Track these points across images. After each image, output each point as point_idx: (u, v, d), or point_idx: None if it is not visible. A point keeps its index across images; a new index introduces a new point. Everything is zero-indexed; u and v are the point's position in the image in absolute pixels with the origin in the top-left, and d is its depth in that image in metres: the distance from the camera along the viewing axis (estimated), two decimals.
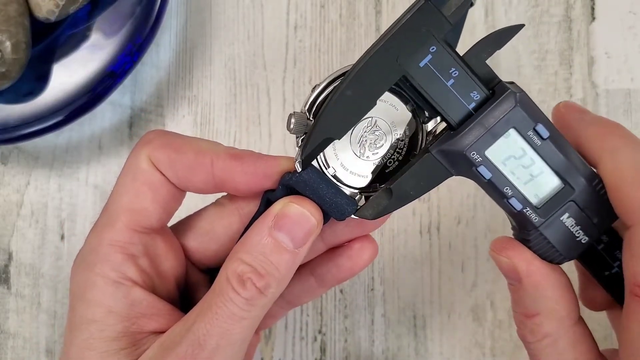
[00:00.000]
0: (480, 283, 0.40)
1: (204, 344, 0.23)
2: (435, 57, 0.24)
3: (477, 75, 0.25)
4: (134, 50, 0.38)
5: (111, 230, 0.25)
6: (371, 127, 0.25)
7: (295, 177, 0.24)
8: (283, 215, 0.24)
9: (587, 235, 0.26)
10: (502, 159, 0.25)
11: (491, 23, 0.42)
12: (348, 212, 0.25)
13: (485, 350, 0.40)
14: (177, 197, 0.26)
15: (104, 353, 0.24)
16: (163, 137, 0.26)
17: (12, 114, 0.39)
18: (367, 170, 0.25)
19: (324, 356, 0.40)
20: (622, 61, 0.41)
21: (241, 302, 0.23)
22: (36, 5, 0.37)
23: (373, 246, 0.28)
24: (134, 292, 0.25)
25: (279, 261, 0.24)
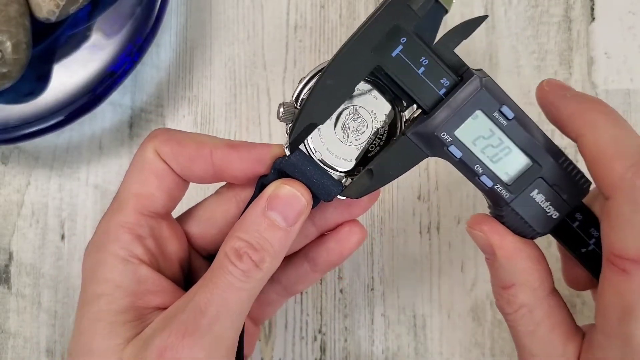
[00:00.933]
0: (480, 283, 0.40)
1: (205, 310, 0.25)
2: (406, 48, 0.26)
3: (446, 63, 0.27)
4: (134, 51, 0.38)
5: (120, 213, 0.27)
6: (354, 115, 0.28)
7: (285, 161, 0.27)
8: (275, 196, 0.26)
9: (557, 211, 0.28)
10: (471, 139, 0.27)
11: (491, 23, 0.42)
12: (334, 193, 0.27)
13: (485, 350, 0.40)
14: (181, 186, 0.29)
15: (112, 324, 0.26)
16: (167, 132, 0.28)
17: (13, 114, 0.39)
18: (351, 155, 0.28)
19: (324, 356, 0.40)
20: (622, 61, 0.41)
21: (238, 274, 0.25)
22: (37, 6, 0.37)
23: (361, 230, 0.30)
24: (141, 269, 0.27)
25: (272, 238, 0.26)
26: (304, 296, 0.41)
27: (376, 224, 0.41)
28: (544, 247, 0.40)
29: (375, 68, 0.26)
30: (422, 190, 0.41)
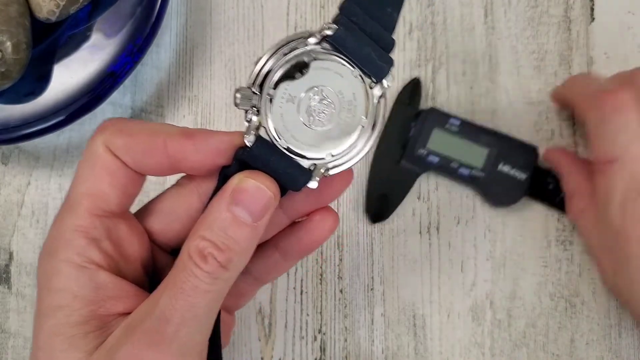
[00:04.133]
0: (480, 283, 0.40)
1: (169, 317, 0.23)
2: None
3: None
4: (135, 51, 0.38)
5: (73, 216, 0.25)
6: (318, 97, 0.25)
7: (247, 152, 0.25)
8: (239, 190, 0.24)
9: (522, 173, 0.39)
10: (440, 147, 0.40)
11: (491, 23, 0.42)
12: (302, 182, 0.25)
13: (485, 350, 0.40)
14: (136, 181, 0.27)
15: (71, 337, 0.24)
16: (118, 123, 0.26)
17: (13, 114, 0.39)
18: (318, 140, 0.26)
19: (323, 356, 0.40)
20: (622, 61, 0.41)
21: (203, 276, 0.24)
22: (37, 6, 0.37)
23: (333, 217, 0.28)
24: (99, 275, 0.25)
25: (238, 235, 0.24)
26: (304, 296, 0.41)
27: (376, 224, 0.41)
28: (544, 247, 0.40)
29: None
30: (422, 190, 0.41)
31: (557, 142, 0.41)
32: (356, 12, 0.25)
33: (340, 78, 0.25)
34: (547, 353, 0.40)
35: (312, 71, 0.25)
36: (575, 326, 0.40)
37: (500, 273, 0.40)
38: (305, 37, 0.25)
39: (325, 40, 0.25)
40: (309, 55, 0.25)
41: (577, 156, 0.40)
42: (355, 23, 0.25)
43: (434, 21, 0.42)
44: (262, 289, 0.41)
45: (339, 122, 0.26)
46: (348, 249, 0.41)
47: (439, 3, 0.42)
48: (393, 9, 0.26)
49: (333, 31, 0.25)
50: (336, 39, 0.25)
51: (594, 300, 0.40)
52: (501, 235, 0.41)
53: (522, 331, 0.40)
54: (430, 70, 0.42)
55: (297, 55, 0.25)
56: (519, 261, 0.40)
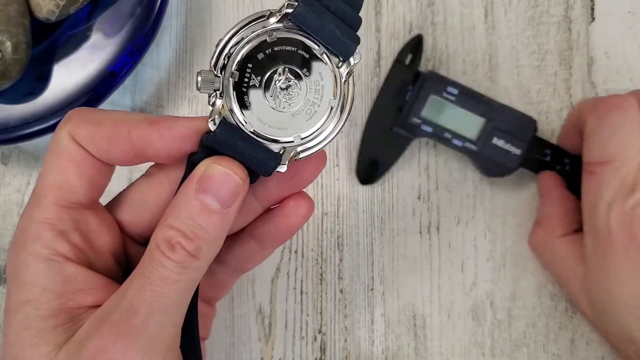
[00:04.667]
0: (480, 283, 0.40)
1: (137, 309, 0.23)
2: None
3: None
4: (135, 51, 0.38)
5: (39, 208, 0.25)
6: (283, 77, 0.25)
7: (212, 137, 0.24)
8: (206, 176, 0.24)
9: (517, 148, 0.38)
10: (434, 116, 0.38)
11: (491, 23, 0.42)
12: (272, 167, 0.24)
13: (485, 350, 0.40)
14: (103, 171, 0.26)
15: (41, 331, 0.24)
16: (82, 112, 0.26)
17: (13, 114, 0.39)
18: (286, 122, 0.25)
19: (324, 356, 0.40)
20: (622, 61, 0.41)
21: (172, 265, 0.23)
22: (37, 6, 0.37)
23: (308, 202, 0.28)
24: (67, 267, 0.25)
25: (207, 223, 0.23)
26: (304, 296, 0.41)
27: (376, 224, 0.41)
28: None
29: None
30: (422, 190, 0.41)
31: (557, 141, 0.41)
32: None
33: (305, 57, 0.24)
34: (548, 353, 0.40)
35: (276, 51, 0.24)
36: (575, 326, 0.40)
37: (501, 273, 0.40)
38: (266, 16, 0.24)
39: (287, 18, 0.24)
40: (271, 35, 0.24)
41: (566, 189, 0.38)
42: (318, 0, 0.24)
43: (434, 21, 0.42)
44: (262, 290, 0.41)
45: (306, 103, 0.25)
46: (348, 249, 0.41)
47: (439, 3, 0.42)
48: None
49: (293, 8, 0.24)
50: (297, 16, 0.24)
51: None
52: (501, 235, 0.41)
53: (523, 331, 0.40)
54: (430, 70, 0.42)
55: (258, 35, 0.24)
56: (519, 261, 0.40)
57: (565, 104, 0.41)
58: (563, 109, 0.41)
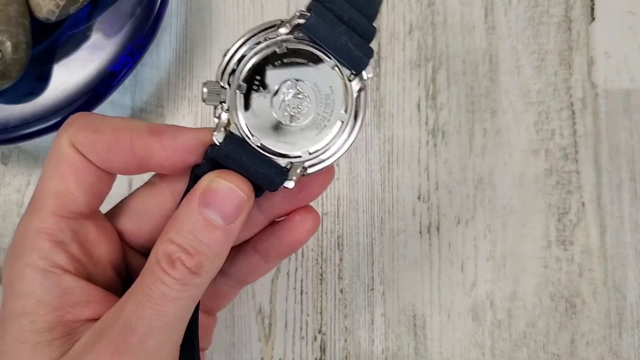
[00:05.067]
0: (480, 283, 0.40)
1: (135, 326, 0.22)
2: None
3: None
4: (134, 51, 0.38)
5: (37, 217, 0.24)
6: (292, 90, 0.24)
7: (216, 151, 0.23)
8: (209, 191, 0.23)
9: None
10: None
11: (491, 23, 0.42)
12: (278, 182, 0.24)
13: (485, 350, 0.40)
14: (104, 179, 0.25)
15: (36, 345, 0.23)
16: (84, 118, 0.25)
17: (13, 114, 0.39)
18: (294, 137, 0.24)
19: (324, 356, 0.40)
20: (622, 61, 0.41)
21: (172, 282, 0.22)
22: (36, 6, 0.37)
23: (314, 217, 0.27)
24: (65, 279, 0.24)
25: (209, 239, 0.23)
26: (304, 296, 0.41)
27: (376, 224, 0.41)
28: (544, 247, 0.40)
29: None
30: (422, 190, 0.41)
31: (557, 141, 0.41)
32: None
33: (316, 70, 0.23)
34: (548, 353, 0.40)
35: (285, 63, 0.23)
36: (575, 326, 0.40)
37: (501, 273, 0.40)
38: (276, 26, 0.23)
39: (298, 29, 0.23)
40: (280, 46, 0.23)
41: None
42: (330, 10, 0.23)
43: (434, 21, 0.42)
44: (262, 290, 0.41)
45: (315, 117, 0.24)
46: (348, 249, 0.41)
47: (439, 3, 0.42)
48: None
49: (305, 19, 0.23)
50: (309, 27, 0.23)
51: (594, 300, 0.40)
52: (501, 235, 0.41)
53: (523, 331, 0.40)
54: (430, 69, 0.42)
55: (268, 45, 0.23)
56: (519, 261, 0.40)
57: (566, 104, 0.41)
58: (563, 109, 0.41)
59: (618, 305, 0.40)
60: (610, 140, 0.41)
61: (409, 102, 0.42)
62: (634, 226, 0.40)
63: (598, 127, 0.41)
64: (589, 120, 0.41)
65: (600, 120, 0.41)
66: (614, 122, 0.41)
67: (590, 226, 0.40)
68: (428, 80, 0.42)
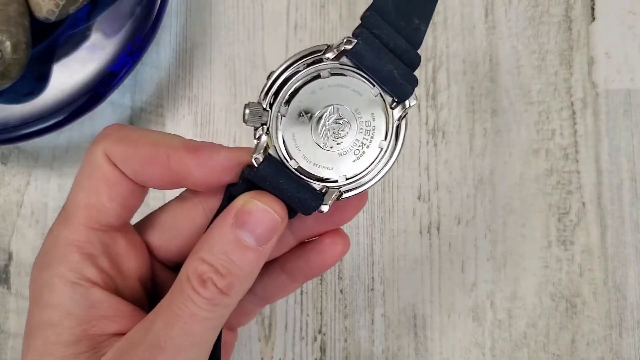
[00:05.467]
0: (480, 283, 0.40)
1: (164, 345, 0.22)
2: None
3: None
4: (134, 50, 0.38)
5: (68, 229, 0.24)
6: (333, 116, 0.24)
7: (254, 171, 0.23)
8: (244, 212, 0.23)
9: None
10: None
11: (491, 23, 0.42)
12: (313, 207, 0.24)
13: (485, 350, 0.40)
14: (137, 193, 0.25)
15: (62, 358, 0.23)
16: (119, 130, 0.25)
17: (12, 114, 0.39)
18: (331, 162, 0.24)
19: (324, 356, 0.40)
20: (622, 61, 0.41)
21: (202, 302, 0.22)
22: (36, 5, 0.37)
23: (344, 241, 0.27)
24: (93, 293, 0.24)
25: (241, 260, 0.23)
26: (304, 296, 0.41)
27: (376, 224, 0.41)
28: (545, 247, 0.40)
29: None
30: (422, 190, 0.41)
31: (557, 141, 0.41)
32: (379, 24, 0.23)
33: (359, 97, 0.24)
34: (548, 353, 0.40)
35: (329, 88, 0.24)
36: (576, 326, 0.40)
37: (501, 273, 0.40)
38: (322, 51, 0.24)
39: (343, 54, 0.23)
40: (325, 71, 0.23)
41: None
42: (378, 37, 0.23)
43: (434, 20, 0.42)
44: None
45: (355, 143, 0.24)
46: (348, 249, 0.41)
47: (440, 2, 0.42)
48: (421, 20, 0.24)
49: (352, 45, 0.23)
50: (355, 54, 0.23)
51: (594, 300, 0.40)
52: (501, 235, 0.41)
53: (523, 332, 0.40)
54: (430, 69, 0.42)
55: (312, 70, 0.23)
56: (519, 261, 0.40)
57: (566, 103, 0.41)
58: (564, 109, 0.41)
59: (618, 305, 0.40)
60: (610, 140, 0.41)
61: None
62: (634, 226, 0.40)
63: (598, 127, 0.41)
64: (590, 120, 0.41)
65: (600, 120, 0.41)
66: (615, 122, 0.41)
67: (590, 226, 0.40)
68: (428, 80, 0.42)
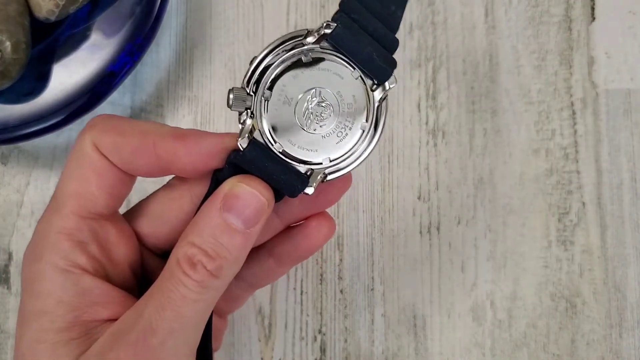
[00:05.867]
0: (480, 283, 0.40)
1: (155, 328, 0.22)
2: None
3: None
4: (134, 50, 0.38)
5: (58, 217, 0.24)
6: (316, 99, 0.24)
7: (240, 156, 0.24)
8: (231, 195, 0.23)
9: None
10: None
11: (491, 23, 0.42)
12: (299, 189, 0.24)
13: (485, 350, 0.40)
14: (125, 181, 0.26)
15: (54, 344, 0.23)
16: (108, 120, 0.25)
17: (12, 114, 0.39)
18: (315, 144, 0.25)
19: (324, 356, 0.40)
20: (622, 61, 0.41)
21: (192, 285, 0.23)
22: (36, 5, 0.37)
23: (329, 224, 0.27)
24: (84, 280, 0.24)
25: (229, 243, 0.23)
26: (304, 296, 0.41)
27: (376, 224, 0.41)
28: (545, 247, 0.40)
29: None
30: (422, 190, 0.41)
31: (557, 141, 0.41)
32: (357, 9, 0.24)
33: (340, 79, 0.24)
34: (548, 353, 0.40)
35: (310, 72, 0.24)
36: (576, 326, 0.40)
37: (501, 273, 0.40)
38: (302, 35, 0.24)
39: (324, 39, 0.24)
40: (306, 55, 0.24)
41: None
42: (356, 21, 0.24)
43: (434, 20, 0.42)
44: (262, 290, 0.40)
45: (337, 125, 0.25)
46: (348, 249, 0.41)
47: (440, 2, 0.42)
48: (397, 6, 0.25)
49: (331, 29, 0.24)
50: (335, 37, 0.24)
51: (594, 300, 0.40)
52: (501, 235, 0.41)
53: (523, 331, 0.40)
54: (430, 69, 0.42)
55: (294, 54, 0.24)
56: (519, 261, 0.40)
57: (566, 103, 0.41)
58: (563, 109, 0.41)
59: (618, 305, 0.40)
60: (610, 140, 0.41)
61: (409, 102, 0.42)
62: (634, 226, 0.40)
63: (598, 127, 0.41)
64: (590, 120, 0.41)
65: (600, 120, 0.41)
66: (615, 122, 0.41)
67: (590, 226, 0.40)
68: (428, 80, 0.42)
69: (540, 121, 0.41)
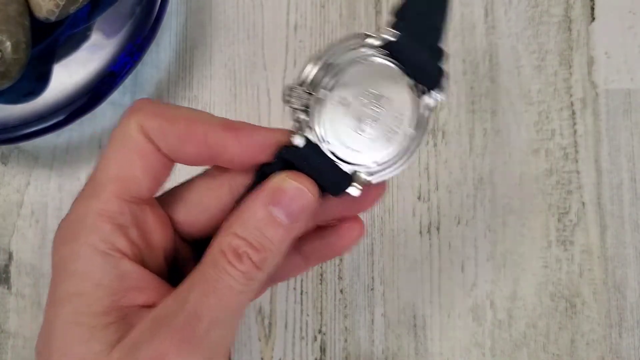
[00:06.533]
0: (480, 283, 0.40)
1: (201, 315, 0.22)
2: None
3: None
4: (134, 50, 0.38)
5: (99, 199, 0.24)
6: (369, 102, 0.25)
7: (292, 151, 0.24)
8: (279, 190, 0.23)
9: None
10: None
11: (491, 23, 0.42)
12: (343, 188, 0.25)
13: (485, 350, 0.40)
14: (168, 166, 0.25)
15: (93, 328, 0.23)
16: (154, 105, 0.25)
17: (13, 114, 0.39)
18: (363, 146, 0.25)
19: (324, 356, 0.40)
20: (622, 61, 0.41)
21: (238, 275, 0.23)
22: (36, 5, 0.37)
23: (361, 226, 0.28)
24: (123, 264, 0.24)
25: (274, 236, 0.23)
26: (304, 296, 0.41)
27: (376, 224, 0.41)
28: (544, 247, 0.40)
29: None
30: (422, 190, 0.41)
31: (557, 141, 0.41)
32: (413, 18, 0.25)
33: (394, 85, 0.25)
34: (548, 353, 0.40)
35: (367, 74, 0.25)
36: (575, 326, 0.40)
37: (501, 273, 0.40)
38: (361, 38, 0.25)
39: (383, 44, 0.25)
40: (365, 59, 0.25)
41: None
42: (411, 30, 0.25)
43: None
44: None
45: (385, 130, 0.25)
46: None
47: None
48: (441, 17, 0.25)
49: (394, 37, 0.24)
50: (395, 45, 0.24)
51: (594, 300, 0.40)
52: (501, 235, 0.41)
53: (523, 331, 0.40)
54: None
55: (352, 57, 0.25)
56: (519, 261, 0.40)
57: (566, 103, 0.41)
58: (563, 109, 0.41)
59: (618, 305, 0.40)
60: (610, 140, 0.41)
61: None
62: (634, 226, 0.40)
63: (598, 127, 0.41)
64: (589, 120, 0.41)
65: (600, 120, 0.41)
66: (614, 122, 0.41)
67: (590, 226, 0.40)
68: None
69: (540, 121, 0.41)
